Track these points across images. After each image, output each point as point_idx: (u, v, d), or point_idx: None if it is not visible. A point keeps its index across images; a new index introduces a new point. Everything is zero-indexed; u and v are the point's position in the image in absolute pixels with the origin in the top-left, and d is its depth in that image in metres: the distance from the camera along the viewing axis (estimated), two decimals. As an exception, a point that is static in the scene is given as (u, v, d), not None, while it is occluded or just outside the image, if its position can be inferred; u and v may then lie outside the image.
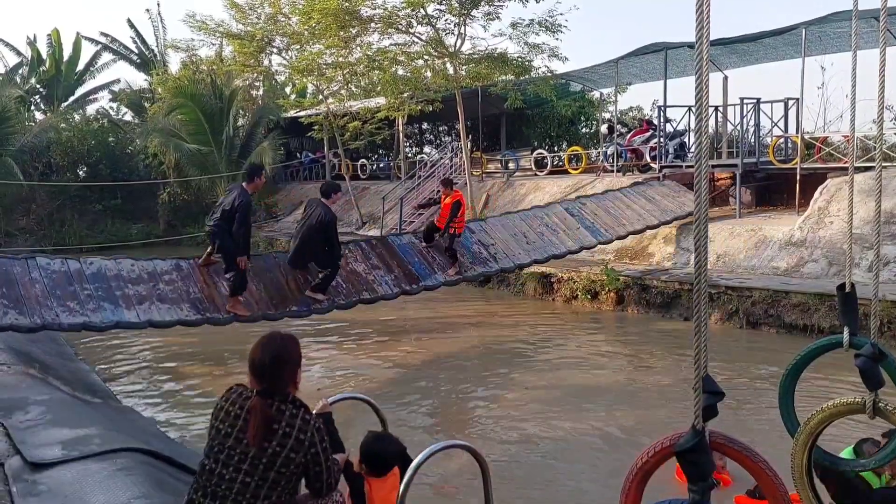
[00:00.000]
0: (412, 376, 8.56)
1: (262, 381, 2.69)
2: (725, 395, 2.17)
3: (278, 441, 2.59)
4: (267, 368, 2.68)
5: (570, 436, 6.44)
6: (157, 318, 7.81)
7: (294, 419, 2.63)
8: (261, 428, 2.58)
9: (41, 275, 7.64)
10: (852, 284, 2.85)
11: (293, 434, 2.60)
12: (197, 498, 2.64)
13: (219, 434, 2.66)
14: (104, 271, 8.01)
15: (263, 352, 2.72)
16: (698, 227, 2.00)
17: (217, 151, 23.46)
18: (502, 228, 11.43)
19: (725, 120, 15.09)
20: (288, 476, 2.62)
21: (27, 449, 4.08)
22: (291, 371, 2.75)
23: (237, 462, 2.60)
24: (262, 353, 2.71)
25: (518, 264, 10.99)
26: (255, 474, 2.58)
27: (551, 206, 12.65)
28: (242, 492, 2.58)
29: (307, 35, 18.31)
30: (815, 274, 10.49)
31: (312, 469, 2.66)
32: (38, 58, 30.17)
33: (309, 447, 2.62)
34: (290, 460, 2.60)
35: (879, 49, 2.85)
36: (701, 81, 1.93)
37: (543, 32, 15.80)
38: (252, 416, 2.61)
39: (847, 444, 3.78)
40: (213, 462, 2.65)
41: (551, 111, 24.04)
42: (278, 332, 2.87)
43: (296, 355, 2.79)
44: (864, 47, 12.72)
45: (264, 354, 2.71)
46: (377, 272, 9.55)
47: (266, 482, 2.59)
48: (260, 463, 2.58)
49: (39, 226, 24.58)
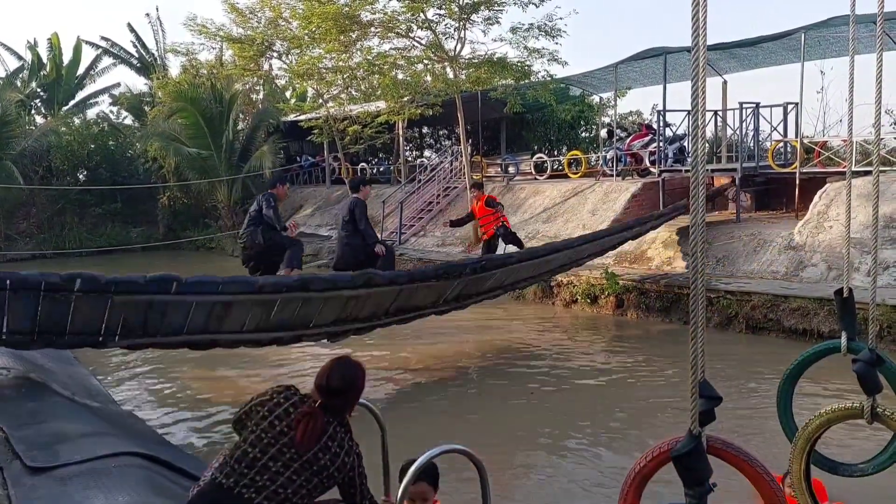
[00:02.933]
0: (410, 381, 8.55)
1: (329, 400, 2.89)
2: (723, 399, 2.18)
3: (331, 457, 2.80)
4: (338, 391, 2.89)
5: (569, 440, 6.43)
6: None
7: (344, 442, 2.86)
8: (311, 435, 2.77)
9: None
10: (850, 289, 2.86)
11: (341, 455, 2.83)
12: (227, 483, 2.70)
13: (272, 429, 2.78)
14: None
15: (336, 375, 2.93)
16: (694, 231, 2.00)
17: (217, 155, 23.50)
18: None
19: (725, 124, 15.12)
20: (325, 487, 2.84)
21: (26, 453, 4.08)
22: (356, 398, 3.01)
23: (288, 460, 2.74)
24: (335, 377, 2.92)
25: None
26: (303, 475, 2.74)
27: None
28: (286, 486, 2.71)
29: (307, 39, 18.37)
30: (815, 278, 10.49)
31: (347, 490, 2.90)
32: (38, 62, 30.24)
33: (349, 470, 2.86)
34: (333, 476, 2.82)
35: (876, 54, 2.86)
36: (697, 87, 1.94)
37: (543, 37, 15.85)
38: (307, 420, 2.78)
39: (846, 449, 3.78)
40: (258, 452, 2.74)
41: (551, 115, 24.08)
42: (350, 358, 3.08)
43: (362, 384, 3.03)
44: (864, 52, 12.75)
45: (336, 378, 2.92)
46: None
47: (309, 485, 2.77)
48: (311, 468, 2.76)
49: (39, 230, 24.64)
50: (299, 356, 9.52)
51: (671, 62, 15.00)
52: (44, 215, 24.93)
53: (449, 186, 19.59)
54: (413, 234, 18.14)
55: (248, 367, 9.08)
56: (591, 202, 15.38)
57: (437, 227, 18.06)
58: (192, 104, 23.00)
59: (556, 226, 15.29)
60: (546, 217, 15.80)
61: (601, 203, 15.18)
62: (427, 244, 17.40)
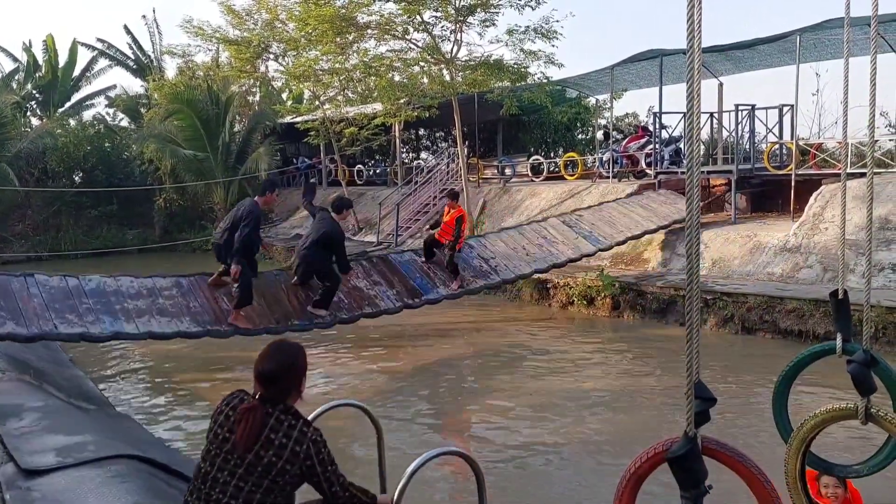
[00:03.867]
0: (407, 383, 8.54)
1: (266, 388, 2.67)
2: (718, 401, 2.18)
3: (275, 451, 2.57)
4: (273, 376, 2.67)
5: (565, 442, 6.43)
6: (157, 329, 7.80)
7: (291, 430, 2.61)
8: (250, 433, 2.57)
9: (39, 290, 7.63)
10: (845, 291, 2.86)
11: (289, 446, 2.59)
12: (192, 501, 2.63)
13: (216, 438, 2.64)
14: (103, 287, 7.98)
15: (271, 359, 2.70)
16: (690, 233, 2.01)
17: (213, 157, 23.47)
18: (501, 243, 11.63)
19: (721, 126, 15.16)
20: (282, 486, 2.61)
21: (21, 456, 4.07)
22: (297, 380, 2.73)
23: (233, 467, 2.58)
24: (270, 360, 2.69)
25: (519, 275, 11.14)
26: (249, 480, 2.57)
27: (548, 220, 12.74)
28: (236, 496, 2.57)
29: (304, 41, 18.36)
30: (811, 280, 10.51)
31: (310, 480, 2.64)
32: (34, 63, 30.18)
33: (304, 459, 2.60)
34: (285, 471, 2.59)
35: (871, 56, 2.86)
36: (692, 90, 1.94)
37: (539, 39, 15.87)
38: (244, 419, 2.59)
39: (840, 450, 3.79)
40: (208, 465, 2.64)
41: (547, 117, 24.12)
42: (287, 340, 2.86)
43: (303, 364, 2.77)
44: (859, 54, 12.78)
45: (272, 362, 2.69)
46: (379, 287, 9.69)
47: (260, 489, 2.58)
48: (255, 470, 2.57)
49: (35, 231, 24.58)
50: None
51: (667, 64, 15.04)
52: (39, 217, 24.87)
53: (445, 188, 19.56)
54: (410, 236, 18.14)
55: (245, 370, 9.06)
56: (588, 204, 15.39)
57: (433, 228, 18.05)
58: (188, 106, 22.98)
59: (553, 228, 15.31)
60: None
61: (597, 205, 15.21)
62: (423, 246, 17.39)
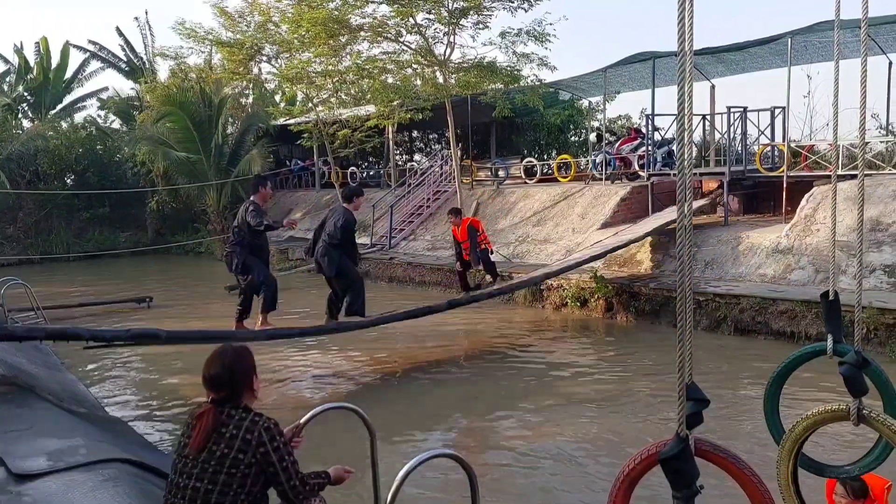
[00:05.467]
0: (400, 385, 8.53)
1: (217, 392, 2.79)
2: (710, 402, 2.19)
3: (226, 443, 2.65)
4: (220, 380, 2.79)
5: (558, 443, 6.43)
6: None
7: (242, 421, 2.70)
8: (204, 433, 2.67)
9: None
10: (836, 292, 2.88)
11: (240, 435, 2.67)
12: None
13: (179, 447, 2.76)
14: None
15: (215, 364, 2.83)
16: (681, 235, 2.01)
17: (206, 159, 23.40)
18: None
19: (713, 128, 15.21)
20: (240, 479, 2.64)
21: (12, 460, 4.04)
22: (247, 381, 2.85)
23: (190, 469, 2.67)
24: (214, 365, 2.83)
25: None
26: (204, 478, 2.63)
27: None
28: (194, 498, 2.62)
29: (297, 43, 18.32)
30: (802, 281, 10.56)
31: (266, 470, 2.68)
32: (25, 65, 30.05)
33: (257, 446, 2.66)
34: (238, 461, 2.64)
35: (861, 58, 2.88)
36: (684, 92, 1.95)
37: (532, 42, 15.90)
38: (198, 423, 2.70)
39: (833, 451, 3.79)
40: (174, 474, 2.73)
41: (541, 120, 24.16)
42: (230, 345, 2.97)
43: (248, 365, 2.90)
44: (850, 56, 12.85)
45: (215, 366, 2.82)
46: None
47: (216, 485, 2.62)
48: (209, 466, 2.64)
49: (26, 234, 24.47)
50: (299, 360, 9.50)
51: (660, 66, 15.08)
52: (31, 220, 24.75)
53: (439, 190, 19.61)
54: (403, 238, 18.14)
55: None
56: (581, 206, 15.44)
57: (427, 230, 18.06)
58: (180, 108, 22.90)
59: (546, 229, 15.34)
60: (536, 220, 15.85)
61: (590, 207, 15.25)
62: (417, 248, 17.41)
